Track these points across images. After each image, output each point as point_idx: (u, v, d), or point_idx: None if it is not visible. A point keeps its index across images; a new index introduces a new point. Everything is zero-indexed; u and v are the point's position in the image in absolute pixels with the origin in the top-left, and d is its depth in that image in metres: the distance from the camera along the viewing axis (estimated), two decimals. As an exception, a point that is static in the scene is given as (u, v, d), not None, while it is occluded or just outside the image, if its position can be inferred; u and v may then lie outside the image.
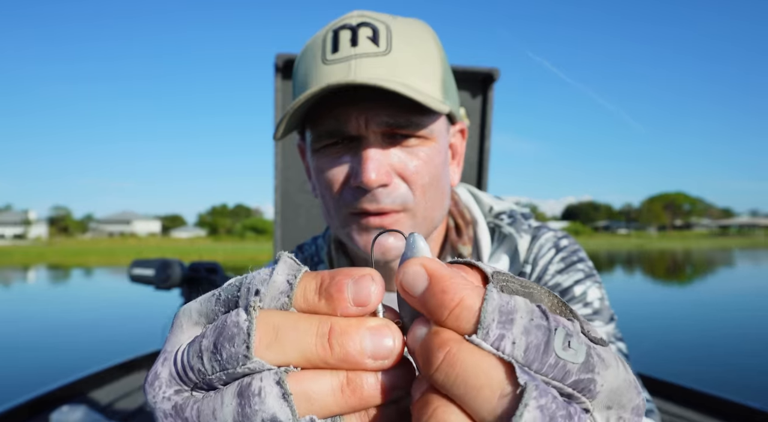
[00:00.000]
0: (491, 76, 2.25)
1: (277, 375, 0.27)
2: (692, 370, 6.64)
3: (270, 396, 0.27)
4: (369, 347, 0.28)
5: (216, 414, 0.28)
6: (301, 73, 0.78)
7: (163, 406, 0.30)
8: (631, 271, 26.33)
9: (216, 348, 0.28)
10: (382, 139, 0.75)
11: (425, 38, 0.78)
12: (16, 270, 32.36)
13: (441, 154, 0.79)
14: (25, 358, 7.65)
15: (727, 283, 19.96)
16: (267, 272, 0.30)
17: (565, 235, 0.90)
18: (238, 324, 0.28)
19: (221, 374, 0.28)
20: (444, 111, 0.74)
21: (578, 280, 0.84)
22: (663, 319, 10.57)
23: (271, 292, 0.29)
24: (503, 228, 0.88)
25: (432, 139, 0.77)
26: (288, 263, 0.31)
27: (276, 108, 2.22)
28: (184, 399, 0.29)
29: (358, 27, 0.74)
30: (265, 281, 0.30)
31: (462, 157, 0.90)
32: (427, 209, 0.78)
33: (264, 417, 0.26)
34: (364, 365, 0.28)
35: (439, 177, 0.79)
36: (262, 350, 0.28)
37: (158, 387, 0.30)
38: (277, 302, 0.29)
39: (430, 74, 0.75)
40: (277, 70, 2.20)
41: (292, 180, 2.33)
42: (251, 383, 0.27)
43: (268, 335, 0.28)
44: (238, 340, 0.28)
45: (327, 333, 0.28)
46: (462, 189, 0.95)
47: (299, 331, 0.28)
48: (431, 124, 0.76)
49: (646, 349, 6.73)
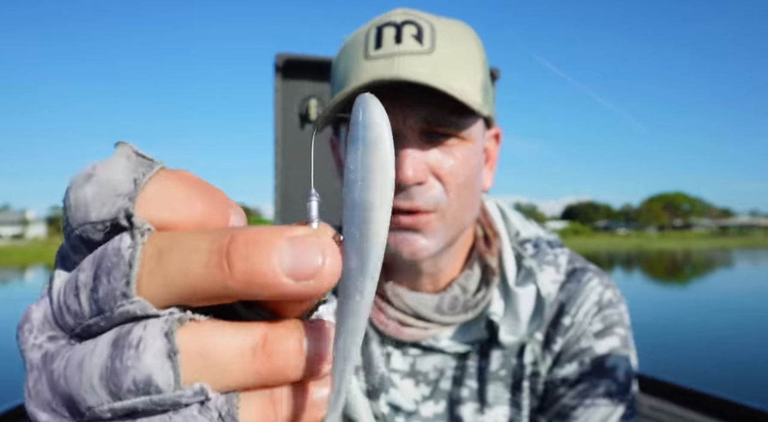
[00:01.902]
0: (492, 75, 2.25)
1: (166, 325, 0.20)
2: (692, 370, 6.65)
3: (149, 351, 0.20)
4: (287, 261, 0.20)
5: (83, 365, 0.21)
6: (342, 68, 0.78)
7: (31, 355, 0.23)
8: (630, 271, 26.34)
9: (94, 284, 0.21)
10: (420, 138, 0.74)
11: (468, 40, 0.78)
12: (14, 270, 32.32)
13: (477, 156, 0.78)
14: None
15: (726, 284, 19.97)
16: (91, 167, 0.22)
17: (609, 284, 0.86)
18: (120, 251, 0.21)
19: (99, 318, 0.21)
20: (484, 113, 0.74)
21: (614, 349, 0.81)
22: (663, 319, 10.58)
23: (104, 194, 0.21)
24: (525, 261, 0.84)
25: (469, 141, 0.76)
26: (129, 155, 0.22)
27: (276, 108, 2.21)
28: (58, 348, 0.23)
29: (403, 25, 0.74)
30: (89, 178, 0.22)
31: (496, 161, 0.88)
32: (458, 210, 0.77)
33: (136, 376, 0.20)
34: (280, 286, 0.20)
35: (473, 179, 0.78)
36: (144, 284, 0.20)
37: (29, 331, 0.23)
38: (110, 207, 0.21)
39: (472, 76, 0.75)
40: (277, 70, 2.20)
41: (292, 180, 2.33)
42: (131, 331, 0.21)
43: (150, 262, 0.20)
44: (117, 273, 0.20)
45: (225, 246, 0.20)
46: (491, 203, 0.92)
47: (186, 249, 0.20)
48: (469, 126, 0.76)
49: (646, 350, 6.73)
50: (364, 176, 0.21)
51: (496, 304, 0.81)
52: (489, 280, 0.83)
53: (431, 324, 0.81)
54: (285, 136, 2.32)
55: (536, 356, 0.82)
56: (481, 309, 0.81)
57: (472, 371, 0.82)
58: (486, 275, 0.83)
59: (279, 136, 2.30)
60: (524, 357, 0.82)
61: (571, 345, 0.81)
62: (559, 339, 0.82)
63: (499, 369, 0.82)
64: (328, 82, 0.85)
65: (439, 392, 0.82)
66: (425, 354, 0.83)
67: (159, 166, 0.22)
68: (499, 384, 0.82)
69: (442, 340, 0.82)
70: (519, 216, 0.92)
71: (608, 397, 0.78)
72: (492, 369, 0.81)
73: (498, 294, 0.82)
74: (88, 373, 0.21)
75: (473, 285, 0.83)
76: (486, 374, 0.81)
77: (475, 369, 0.82)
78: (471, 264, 0.85)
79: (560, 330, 0.82)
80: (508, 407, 0.82)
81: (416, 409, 0.82)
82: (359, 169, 0.21)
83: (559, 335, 0.82)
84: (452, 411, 0.82)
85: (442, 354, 0.83)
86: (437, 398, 0.82)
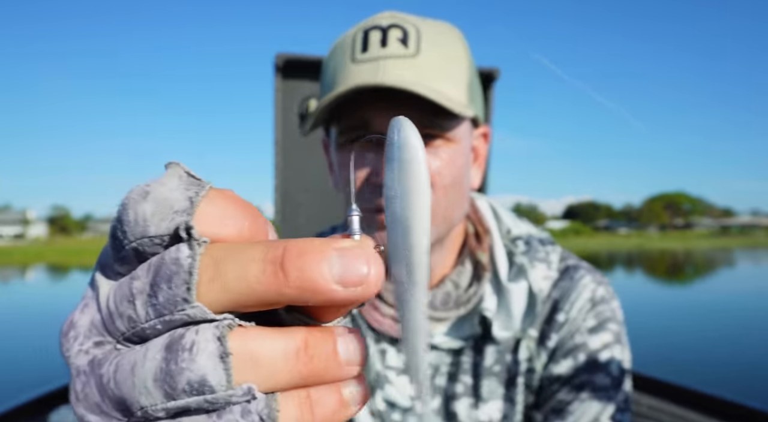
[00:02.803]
0: (491, 75, 2.25)
1: (218, 330, 0.22)
2: (693, 370, 6.64)
3: (203, 354, 0.22)
4: (337, 269, 0.22)
5: (135, 369, 0.23)
6: (330, 71, 0.80)
7: (77, 361, 0.25)
8: (631, 271, 26.33)
9: (153, 291, 0.23)
10: None
11: (454, 41, 0.79)
12: (15, 270, 32.35)
13: (463, 156, 0.80)
14: (25, 358, 7.65)
15: (727, 283, 19.96)
16: (146, 185, 0.24)
17: (602, 281, 0.87)
18: (178, 260, 0.22)
19: (156, 322, 0.23)
20: (468, 115, 0.75)
21: (607, 344, 0.82)
22: (664, 319, 10.56)
23: (162, 211, 0.23)
24: (516, 258, 0.85)
25: (455, 141, 0.78)
26: (180, 175, 0.24)
27: (276, 108, 2.21)
28: (105, 354, 0.24)
29: (389, 28, 0.76)
30: (145, 196, 0.23)
31: (484, 159, 0.90)
32: (447, 209, 0.78)
33: (191, 378, 0.22)
34: (330, 292, 0.22)
35: (460, 178, 0.79)
36: (203, 291, 0.22)
37: (74, 338, 0.25)
38: (169, 223, 0.23)
39: (457, 78, 0.77)
40: (277, 70, 2.20)
41: (292, 180, 2.33)
42: (184, 335, 0.22)
43: (208, 270, 0.22)
44: (177, 280, 0.22)
45: (280, 257, 0.22)
46: (483, 201, 0.94)
47: (243, 259, 0.22)
48: (455, 127, 0.77)
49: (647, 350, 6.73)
50: (402, 194, 0.23)
51: (489, 300, 0.83)
52: (480, 276, 0.84)
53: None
54: (285, 136, 2.32)
55: (531, 352, 0.83)
56: (473, 304, 0.83)
57: (466, 367, 0.83)
58: (477, 271, 0.85)
59: (279, 136, 2.30)
60: (519, 354, 0.83)
61: (565, 341, 0.83)
62: (553, 335, 0.83)
63: (493, 364, 0.83)
64: None
65: (434, 388, 0.84)
66: None
67: (208, 185, 0.24)
68: (493, 379, 0.83)
69: (436, 336, 0.83)
70: (511, 214, 0.94)
71: (602, 392, 0.80)
72: (486, 364, 0.83)
73: (490, 290, 0.84)
74: (141, 376, 0.22)
75: (465, 280, 0.85)
76: (480, 369, 0.83)
77: (470, 365, 0.83)
78: (462, 261, 0.87)
79: (554, 327, 0.83)
80: (502, 402, 0.83)
81: (412, 405, 0.83)
82: (397, 186, 0.23)
83: (553, 331, 0.83)
84: (447, 406, 0.83)
85: (437, 351, 0.84)
86: (432, 394, 0.84)
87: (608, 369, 0.81)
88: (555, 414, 0.81)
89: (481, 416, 0.82)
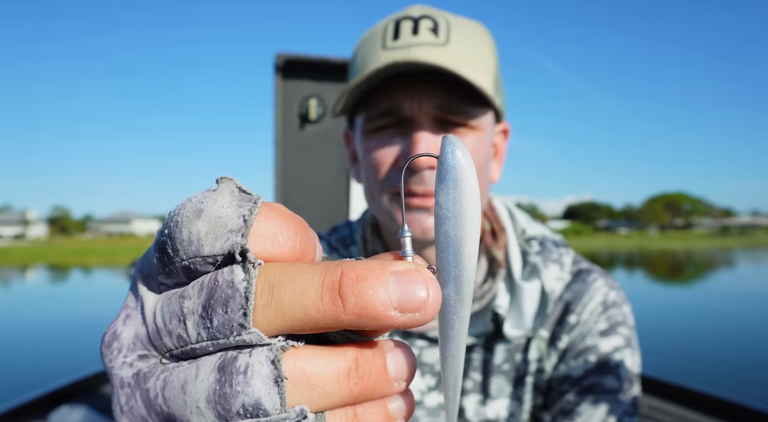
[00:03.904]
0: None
1: (272, 353, 0.22)
2: (694, 370, 6.64)
3: (258, 378, 0.21)
4: (395, 295, 0.22)
5: (186, 387, 0.22)
6: (360, 59, 0.81)
7: (121, 373, 0.25)
8: (631, 271, 26.33)
9: (206, 313, 0.22)
10: (433, 124, 0.77)
11: (482, 37, 0.81)
12: (15, 270, 32.37)
13: (485, 146, 0.81)
14: (25, 358, 7.65)
15: (728, 284, 19.95)
16: (199, 202, 0.24)
17: (614, 285, 0.87)
18: (233, 284, 0.22)
19: (208, 343, 0.23)
20: (495, 102, 0.77)
21: (618, 348, 0.82)
22: (664, 319, 10.56)
23: (216, 230, 0.23)
24: (530, 257, 0.86)
25: (480, 130, 0.79)
26: (233, 190, 0.24)
27: (276, 107, 2.21)
28: (150, 367, 0.24)
29: (420, 19, 0.77)
30: (199, 214, 0.23)
31: (504, 156, 0.91)
32: None
33: (246, 401, 0.21)
34: (388, 319, 0.21)
35: (481, 169, 0.80)
36: (258, 315, 0.22)
37: (117, 350, 0.25)
38: (223, 243, 0.23)
39: (484, 69, 0.78)
40: (277, 70, 2.20)
41: (292, 180, 2.33)
42: (237, 357, 0.22)
43: (263, 295, 0.22)
44: (233, 305, 0.22)
45: (337, 283, 0.21)
46: (499, 201, 0.95)
47: (299, 284, 0.22)
48: (480, 116, 0.79)
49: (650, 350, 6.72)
50: (455, 214, 0.23)
51: (502, 298, 0.83)
52: (495, 272, 0.85)
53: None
54: (285, 136, 2.32)
55: (542, 353, 0.84)
56: (486, 300, 0.83)
57: (476, 364, 0.84)
58: (492, 267, 0.86)
59: (279, 136, 2.30)
60: (529, 353, 0.83)
61: (576, 343, 0.83)
62: (564, 336, 0.83)
63: (503, 363, 0.83)
64: (327, 82, 0.86)
65: None
66: (431, 345, 0.85)
67: (260, 200, 0.24)
68: (502, 377, 0.83)
69: None
70: (525, 215, 0.95)
71: (611, 395, 0.80)
72: (496, 362, 0.83)
73: (504, 287, 0.84)
74: (193, 396, 0.22)
75: (480, 276, 0.86)
76: (490, 367, 0.83)
77: (480, 362, 0.84)
78: (478, 257, 0.86)
79: (566, 328, 0.83)
80: (509, 400, 0.83)
81: (421, 399, 0.84)
82: (450, 206, 0.23)
83: (564, 333, 0.83)
84: None
85: None
86: (441, 389, 0.83)
87: (618, 373, 0.81)
88: (563, 415, 0.81)
89: (488, 413, 0.83)
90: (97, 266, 34.65)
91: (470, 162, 0.23)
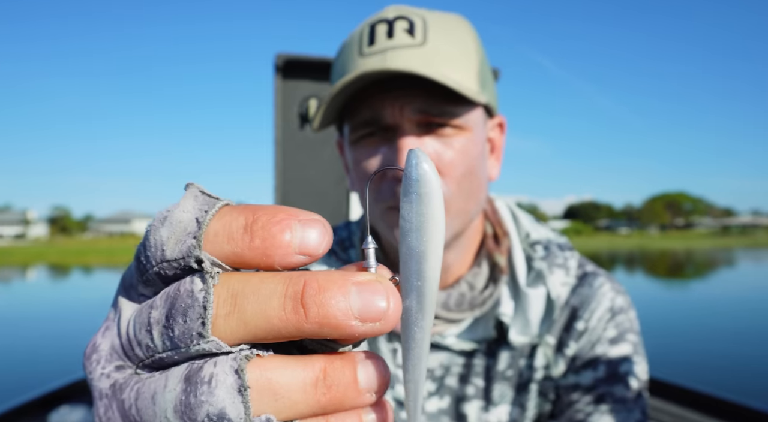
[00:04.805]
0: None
1: (235, 363, 0.22)
2: (694, 370, 6.63)
3: (222, 387, 0.22)
4: (356, 305, 0.22)
5: (156, 398, 0.23)
6: (338, 68, 0.79)
7: (100, 384, 0.25)
8: (632, 271, 26.31)
9: (168, 322, 0.23)
10: (417, 128, 0.75)
11: (461, 30, 0.78)
12: (16, 270, 32.37)
13: (477, 145, 0.78)
14: (25, 359, 7.65)
15: (728, 283, 19.94)
16: (166, 209, 0.24)
17: (620, 290, 0.86)
18: (193, 293, 0.23)
19: (172, 353, 0.23)
20: (479, 100, 0.74)
21: (627, 355, 0.81)
22: (664, 319, 10.56)
23: (176, 234, 0.23)
24: (535, 263, 0.83)
25: (468, 130, 0.76)
26: (196, 195, 0.24)
27: (276, 107, 2.21)
28: (126, 378, 0.25)
29: (395, 20, 0.75)
30: (164, 220, 0.24)
31: (502, 150, 0.88)
32: (462, 201, 0.77)
33: (210, 411, 0.22)
34: (349, 328, 0.22)
35: (474, 169, 0.77)
36: (220, 324, 0.22)
37: (96, 361, 0.26)
38: (181, 246, 0.23)
39: (466, 65, 0.76)
40: (277, 70, 2.20)
41: (292, 180, 2.33)
42: (202, 367, 0.22)
43: (225, 304, 0.22)
44: (192, 314, 0.22)
45: (300, 292, 0.22)
46: (501, 203, 0.92)
47: (262, 294, 0.22)
48: (466, 114, 0.76)
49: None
50: (418, 226, 0.23)
51: (506, 305, 0.81)
52: (497, 278, 0.83)
53: (437, 321, 0.81)
54: (285, 136, 2.32)
55: (548, 359, 0.82)
56: (488, 307, 0.81)
57: (479, 369, 0.82)
58: (494, 273, 0.83)
59: (279, 136, 2.30)
60: (535, 360, 0.82)
61: (585, 351, 0.81)
62: (572, 343, 0.82)
63: (506, 369, 0.82)
64: (328, 82, 0.86)
65: (444, 388, 0.83)
66: (431, 351, 0.83)
67: (222, 203, 0.24)
68: (505, 383, 0.82)
69: (448, 338, 0.82)
70: (529, 218, 0.92)
71: (621, 403, 0.78)
72: (499, 368, 0.82)
73: (508, 293, 0.82)
74: (162, 406, 0.23)
75: (481, 282, 0.84)
76: (493, 373, 0.82)
77: (482, 368, 0.82)
78: (479, 262, 0.85)
79: (573, 335, 0.82)
80: (512, 406, 0.82)
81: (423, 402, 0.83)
82: (414, 219, 0.23)
83: (572, 339, 0.82)
84: (457, 407, 0.83)
85: (448, 352, 0.83)
86: (442, 394, 0.83)
87: (628, 381, 0.80)
88: None
89: (490, 419, 0.81)
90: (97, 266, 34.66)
91: (435, 175, 0.23)
